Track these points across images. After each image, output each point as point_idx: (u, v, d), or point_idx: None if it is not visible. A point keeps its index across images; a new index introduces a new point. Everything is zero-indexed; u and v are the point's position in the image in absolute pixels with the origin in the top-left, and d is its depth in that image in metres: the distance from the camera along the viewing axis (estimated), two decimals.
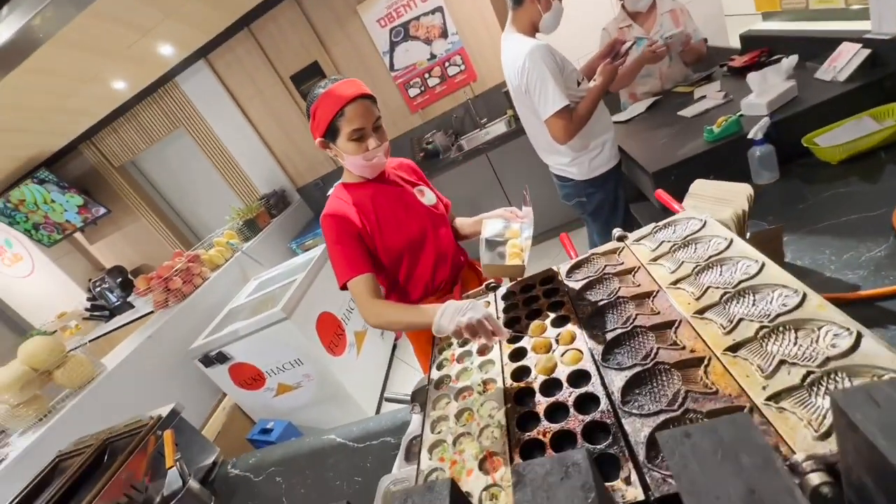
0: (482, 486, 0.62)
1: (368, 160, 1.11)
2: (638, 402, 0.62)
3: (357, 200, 1.18)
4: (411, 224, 1.21)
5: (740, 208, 0.96)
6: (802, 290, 0.63)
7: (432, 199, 1.29)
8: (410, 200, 1.23)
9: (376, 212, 1.18)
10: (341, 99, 1.04)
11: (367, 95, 1.08)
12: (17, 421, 1.75)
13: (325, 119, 1.06)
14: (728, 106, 1.63)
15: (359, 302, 1.10)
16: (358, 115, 1.05)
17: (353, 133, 1.07)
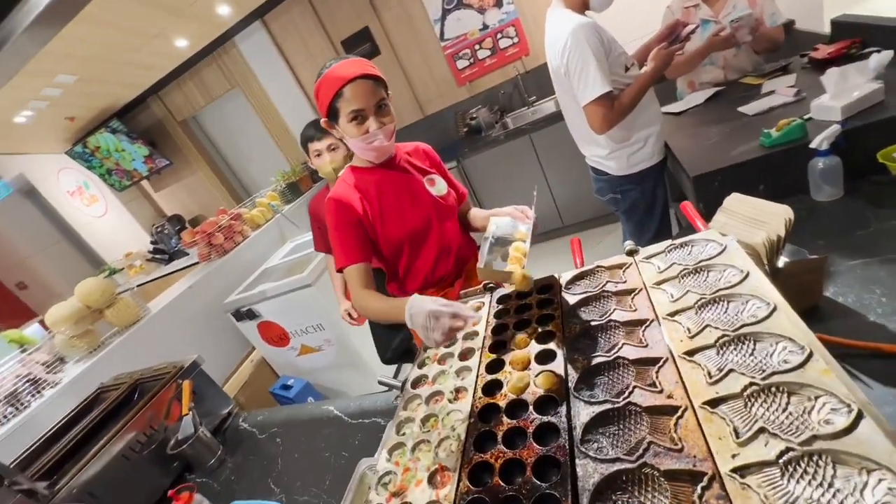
0: (426, 499, 0.61)
1: (368, 143, 1.08)
2: (598, 443, 0.58)
3: (362, 186, 1.16)
4: (415, 214, 1.18)
5: (775, 233, 0.85)
6: (810, 348, 0.55)
7: (443, 188, 1.25)
8: (418, 189, 1.20)
9: (380, 199, 1.16)
10: (341, 79, 1.00)
11: (368, 76, 1.03)
12: (72, 351, 1.97)
13: (326, 99, 1.04)
14: (798, 106, 1.43)
15: (350, 290, 1.10)
16: (357, 95, 1.02)
17: (352, 114, 1.03)
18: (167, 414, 1.48)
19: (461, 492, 0.59)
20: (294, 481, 1.18)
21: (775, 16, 1.87)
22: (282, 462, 1.28)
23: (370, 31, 3.46)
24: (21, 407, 1.73)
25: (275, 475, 1.24)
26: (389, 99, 1.09)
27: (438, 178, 1.26)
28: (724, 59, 1.95)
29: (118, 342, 2.07)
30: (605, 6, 1.48)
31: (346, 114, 1.04)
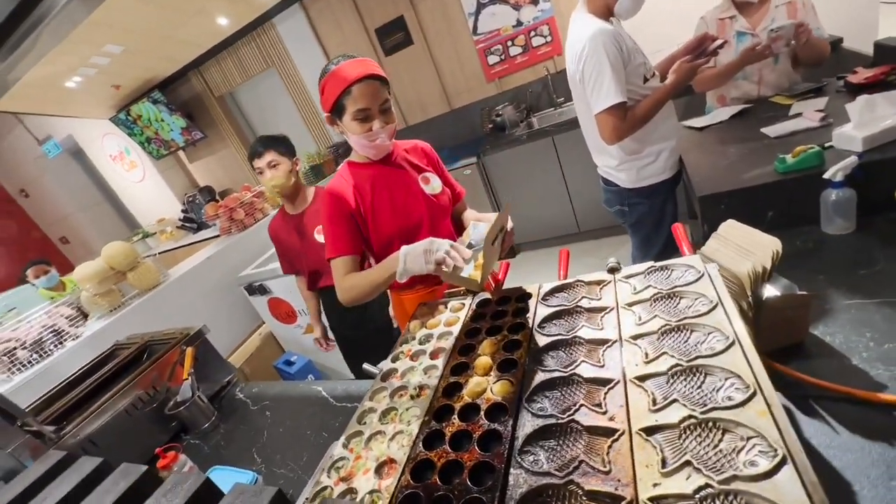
0: (369, 488, 0.65)
1: (371, 141, 1.11)
2: (535, 455, 0.60)
3: (357, 181, 1.19)
4: (408, 211, 1.21)
5: (761, 264, 0.83)
6: (754, 387, 0.55)
7: (437, 187, 1.26)
8: (412, 187, 1.22)
9: (373, 194, 1.18)
10: (349, 77, 1.04)
11: (376, 76, 1.06)
12: (94, 308, 2.10)
13: (333, 95, 1.07)
14: (822, 132, 1.36)
15: (335, 280, 1.14)
16: (364, 95, 1.05)
17: (358, 113, 1.07)
18: (170, 376, 1.58)
19: (401, 485, 0.62)
20: (275, 454, 1.24)
21: (820, 30, 1.77)
22: (267, 434, 1.35)
23: (405, 21, 3.47)
24: (44, 355, 1.87)
25: (259, 446, 1.30)
26: (391, 98, 1.12)
27: (433, 177, 1.28)
28: (759, 73, 1.86)
29: (137, 304, 2.20)
30: (630, 14, 1.45)
31: (352, 112, 1.07)
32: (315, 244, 1.84)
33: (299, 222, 1.88)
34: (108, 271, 2.12)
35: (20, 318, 1.97)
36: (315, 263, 1.89)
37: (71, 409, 1.47)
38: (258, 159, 1.77)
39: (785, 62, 1.81)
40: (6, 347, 1.79)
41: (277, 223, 1.96)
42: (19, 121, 5.02)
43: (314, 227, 1.83)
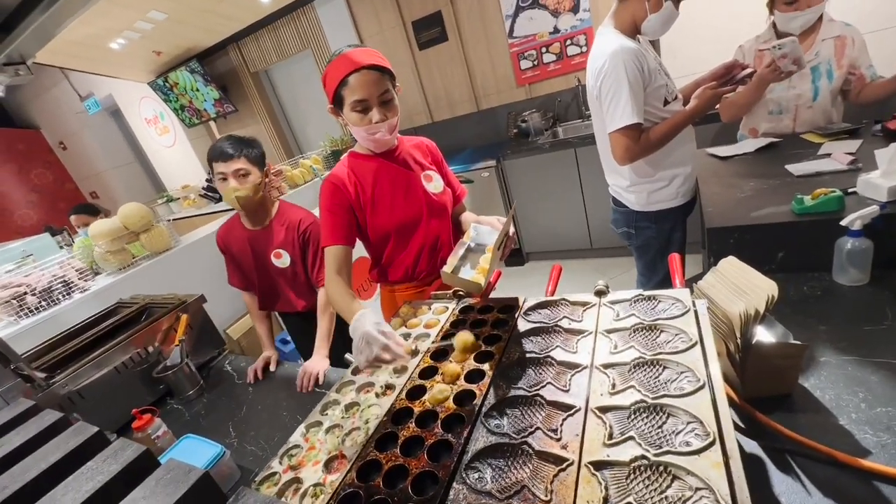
0: (314, 480, 0.64)
1: (370, 134, 1.10)
2: (480, 473, 0.59)
3: (359, 172, 1.19)
4: (406, 208, 1.20)
5: (753, 307, 0.79)
6: (713, 436, 0.52)
7: (439, 186, 1.25)
8: (413, 183, 1.21)
9: (374, 187, 1.18)
10: (347, 66, 1.02)
11: (375, 66, 1.04)
12: (105, 264, 2.17)
13: (332, 85, 1.06)
14: (848, 176, 1.30)
15: (325, 270, 1.14)
16: (361, 85, 1.03)
17: (356, 104, 1.05)
18: (163, 340, 1.61)
19: (345, 482, 0.62)
20: (249, 430, 1.26)
21: (872, 69, 1.69)
22: (246, 410, 1.37)
23: (442, 17, 3.46)
24: (52, 303, 1.93)
25: (236, 420, 1.32)
26: (398, 91, 1.10)
27: (436, 175, 1.26)
28: (794, 110, 1.78)
29: (145, 265, 2.25)
30: (657, 34, 1.40)
31: (350, 103, 1.06)
32: (271, 268, 1.66)
33: (255, 239, 1.66)
34: (122, 230, 2.18)
35: (35, 265, 2.05)
36: (268, 287, 1.73)
37: (65, 359, 1.52)
38: (223, 163, 1.47)
39: (824, 101, 1.73)
40: (17, 292, 1.86)
41: (229, 234, 1.74)
42: (65, 76, 5.21)
43: (272, 247, 1.63)
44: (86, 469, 0.53)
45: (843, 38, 1.66)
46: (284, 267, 1.65)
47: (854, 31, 1.67)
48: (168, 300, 1.74)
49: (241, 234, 1.69)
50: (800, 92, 1.75)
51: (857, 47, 1.66)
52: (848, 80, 1.71)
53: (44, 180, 6.37)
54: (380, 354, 0.76)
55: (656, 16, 1.34)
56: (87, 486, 0.49)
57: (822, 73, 1.70)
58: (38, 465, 0.53)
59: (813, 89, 1.74)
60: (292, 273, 1.67)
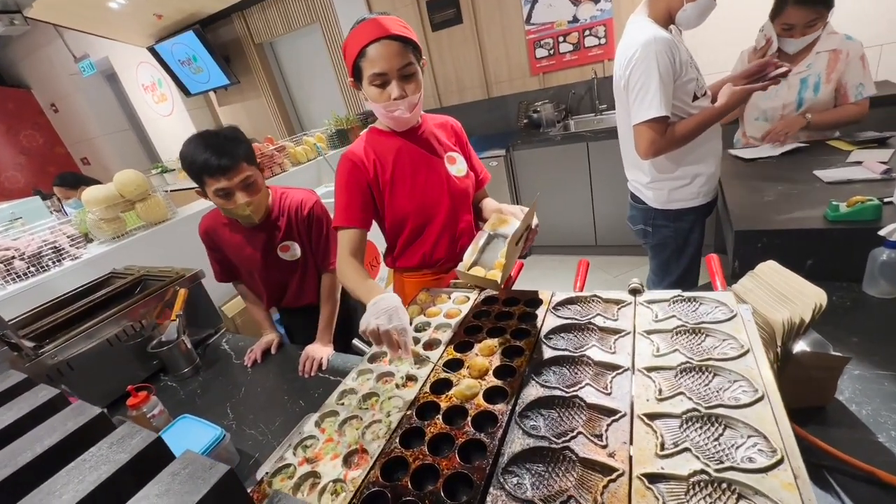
0: (334, 476, 0.59)
1: (389, 111, 1.02)
2: (520, 478, 0.54)
3: (380, 150, 1.12)
4: (427, 191, 1.14)
5: (799, 316, 0.75)
6: (782, 454, 0.48)
7: (463, 169, 1.19)
8: (436, 165, 1.15)
9: (394, 167, 1.11)
10: (366, 37, 0.94)
11: (397, 36, 0.95)
12: (98, 232, 2.08)
13: (351, 57, 0.99)
14: (882, 185, 1.26)
15: (338, 252, 1.08)
16: (380, 57, 0.95)
17: (375, 77, 0.97)
18: (159, 314, 1.55)
19: (369, 479, 0.57)
20: (248, 413, 1.21)
21: (862, 87, 1.64)
22: (244, 391, 1.31)
23: None
24: (41, 270, 1.85)
25: (234, 401, 1.27)
26: (423, 65, 1.03)
27: (460, 158, 1.20)
28: (780, 119, 1.78)
29: (140, 235, 2.17)
30: (693, 24, 1.34)
31: (368, 76, 0.98)
32: (279, 264, 1.48)
33: (254, 237, 1.44)
34: (118, 198, 2.09)
35: (24, 229, 1.96)
36: (275, 285, 1.56)
37: (55, 328, 1.44)
38: (223, 178, 1.19)
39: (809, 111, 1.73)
40: (4, 255, 1.77)
41: (216, 231, 1.50)
42: (59, 34, 4.99)
43: (278, 241, 1.45)
44: (89, 456, 0.47)
45: (838, 51, 1.63)
46: (294, 259, 1.49)
47: (852, 46, 1.63)
48: (165, 273, 1.67)
49: (235, 233, 1.45)
50: (785, 102, 1.74)
51: (849, 62, 1.63)
52: (836, 96, 1.70)
53: (33, 143, 6.16)
54: (391, 333, 0.77)
55: (693, 5, 1.28)
56: (91, 476, 0.44)
57: (810, 85, 1.69)
58: (32, 447, 0.48)
59: (798, 100, 1.73)
60: (303, 264, 1.52)
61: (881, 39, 2.29)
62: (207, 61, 4.40)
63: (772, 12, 1.67)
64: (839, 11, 1.65)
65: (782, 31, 1.64)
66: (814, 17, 1.57)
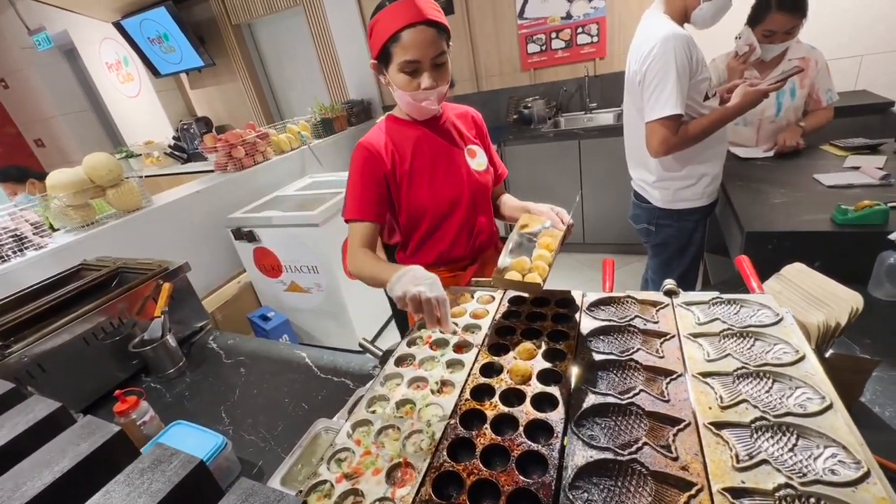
0: (379, 494, 0.54)
1: (417, 101, 0.96)
2: (589, 494, 0.50)
3: (398, 140, 1.06)
4: (446, 185, 1.08)
5: (835, 319, 0.75)
6: (867, 466, 0.46)
7: (483, 163, 1.14)
8: (456, 158, 1.10)
9: (413, 158, 1.05)
10: (401, 20, 0.87)
11: (434, 22, 0.89)
12: (65, 220, 1.91)
13: (380, 40, 0.91)
14: (880, 190, 1.30)
15: (349, 245, 1.02)
16: (415, 43, 0.88)
17: (406, 65, 0.91)
18: (140, 310, 1.43)
19: (420, 498, 0.52)
20: (246, 417, 1.13)
21: (831, 93, 1.76)
22: (239, 394, 1.23)
23: None
24: (1, 259, 1.68)
25: (228, 405, 1.19)
26: (449, 53, 0.97)
27: (480, 151, 1.15)
28: (759, 121, 1.85)
29: (112, 224, 2.01)
30: (707, 24, 1.34)
31: (399, 62, 0.91)
32: None
33: None
34: (87, 183, 1.93)
35: None
36: None
37: (22, 325, 1.31)
38: None
39: (786, 117, 1.80)
40: None
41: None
42: (10, 2, 4.59)
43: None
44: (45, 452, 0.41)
45: (807, 59, 1.71)
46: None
47: (818, 55, 1.72)
48: (145, 266, 1.55)
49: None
50: (764, 107, 1.79)
51: (819, 70, 1.72)
52: (808, 100, 1.79)
53: None
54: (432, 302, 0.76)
55: (710, 4, 1.28)
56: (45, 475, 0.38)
57: (786, 90, 1.76)
58: None
59: (776, 105, 1.80)
60: None
61: (861, 51, 2.39)
62: (180, 40, 4.15)
63: (750, 19, 1.70)
64: (820, 24, 1.72)
65: (763, 37, 1.67)
66: (794, 24, 1.62)
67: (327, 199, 2.32)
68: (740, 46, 1.70)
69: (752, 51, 1.67)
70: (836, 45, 2.36)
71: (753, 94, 1.33)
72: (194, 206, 2.38)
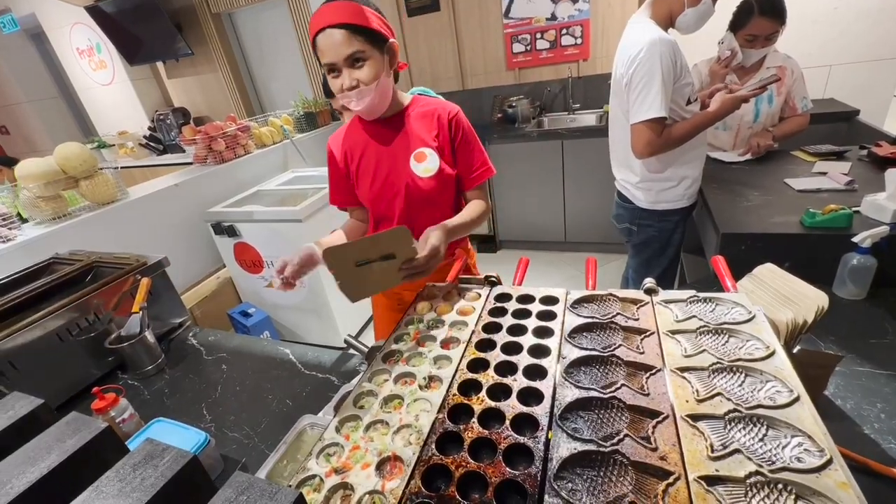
0: (369, 487, 0.55)
1: (344, 102, 0.99)
2: (574, 484, 0.52)
3: (353, 139, 1.14)
4: (385, 187, 1.12)
5: (802, 317, 0.79)
6: (831, 454, 0.49)
7: (430, 168, 1.09)
8: (399, 162, 1.10)
9: (361, 158, 1.12)
10: (314, 28, 0.93)
11: (339, 24, 0.91)
12: (35, 211, 1.84)
13: (313, 48, 0.98)
14: (846, 195, 1.37)
15: None
16: (327, 47, 0.93)
17: (327, 69, 0.96)
18: (116, 306, 1.39)
19: (411, 490, 0.53)
20: (228, 414, 1.12)
21: (806, 100, 1.84)
22: (221, 391, 1.21)
23: None
24: None
25: (210, 402, 1.17)
26: (389, 48, 0.98)
27: (432, 154, 1.09)
28: (737, 127, 1.93)
29: (86, 217, 1.95)
30: (691, 30, 1.39)
31: (323, 66, 0.97)
32: None
33: None
34: (59, 174, 1.86)
35: None
36: None
37: None
38: None
39: (765, 123, 1.88)
40: None
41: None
42: None
43: None
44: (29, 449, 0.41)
45: (783, 68, 1.78)
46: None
47: (794, 64, 1.80)
48: (121, 260, 1.51)
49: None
50: (743, 112, 1.86)
51: (794, 78, 1.79)
52: (784, 107, 1.87)
53: None
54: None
55: (694, 10, 1.32)
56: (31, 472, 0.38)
57: (764, 97, 1.84)
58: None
59: (755, 111, 1.87)
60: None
61: (829, 61, 2.50)
62: None
63: (732, 24, 1.75)
64: (793, 34, 1.79)
65: (745, 42, 1.73)
66: (774, 29, 1.68)
67: (310, 195, 2.30)
68: (722, 51, 1.76)
69: (733, 55, 1.72)
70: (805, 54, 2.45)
71: (731, 101, 1.38)
72: (172, 199, 2.32)
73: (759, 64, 1.80)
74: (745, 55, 1.74)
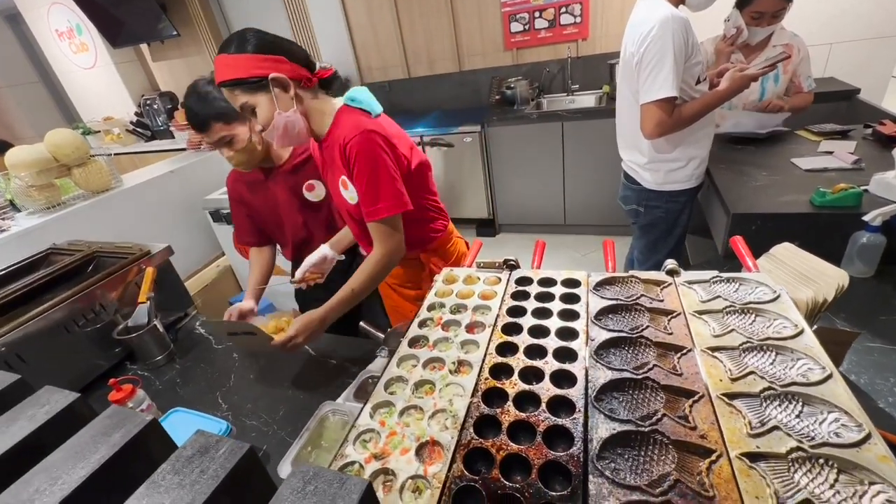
0: (411, 472, 0.55)
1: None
2: (616, 464, 0.53)
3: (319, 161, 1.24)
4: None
5: (822, 295, 0.80)
6: (868, 428, 0.50)
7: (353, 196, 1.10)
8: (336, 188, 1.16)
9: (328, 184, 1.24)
10: None
11: (221, 83, 0.97)
12: (28, 201, 1.79)
13: None
14: (853, 174, 1.38)
15: None
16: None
17: None
18: (121, 296, 1.37)
19: (454, 474, 0.54)
20: (244, 402, 1.11)
21: (810, 79, 1.84)
22: (234, 379, 1.21)
23: None
24: None
25: (224, 391, 1.17)
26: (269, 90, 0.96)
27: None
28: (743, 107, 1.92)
29: (80, 206, 1.90)
30: (701, 6, 1.37)
31: None
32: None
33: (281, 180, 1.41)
34: (51, 162, 1.80)
35: None
36: None
37: None
38: (202, 135, 1.23)
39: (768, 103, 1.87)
40: None
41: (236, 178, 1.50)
42: None
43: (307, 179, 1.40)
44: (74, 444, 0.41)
45: (790, 46, 1.77)
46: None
47: (800, 42, 1.79)
48: (124, 250, 1.48)
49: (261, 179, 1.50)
50: (748, 91, 1.84)
51: (801, 57, 1.78)
52: (790, 86, 1.86)
53: None
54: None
55: None
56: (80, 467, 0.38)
57: (770, 76, 1.82)
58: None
59: (760, 90, 1.86)
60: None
61: (831, 39, 2.49)
62: None
63: (739, 1, 1.73)
64: (795, 12, 1.77)
65: (751, 19, 1.71)
66: (781, 6, 1.66)
67: None
68: (728, 28, 1.74)
69: (739, 33, 1.71)
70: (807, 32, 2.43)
71: (742, 79, 1.36)
72: (168, 186, 2.27)
73: (765, 42, 1.78)
74: (751, 33, 1.72)
